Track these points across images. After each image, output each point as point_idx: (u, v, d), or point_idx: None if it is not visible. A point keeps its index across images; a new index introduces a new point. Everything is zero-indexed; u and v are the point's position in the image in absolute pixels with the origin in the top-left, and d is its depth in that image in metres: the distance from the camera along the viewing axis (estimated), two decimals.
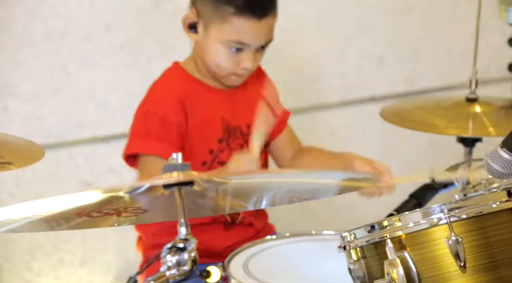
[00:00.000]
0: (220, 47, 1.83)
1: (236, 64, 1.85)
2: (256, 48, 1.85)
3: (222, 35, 1.81)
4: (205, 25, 1.84)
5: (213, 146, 1.87)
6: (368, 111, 2.53)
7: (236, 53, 1.83)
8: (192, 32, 1.86)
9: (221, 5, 1.80)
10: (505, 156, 1.29)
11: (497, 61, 2.54)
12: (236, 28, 1.80)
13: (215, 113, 1.88)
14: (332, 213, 2.65)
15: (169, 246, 1.16)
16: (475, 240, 1.26)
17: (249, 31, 1.81)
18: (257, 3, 1.81)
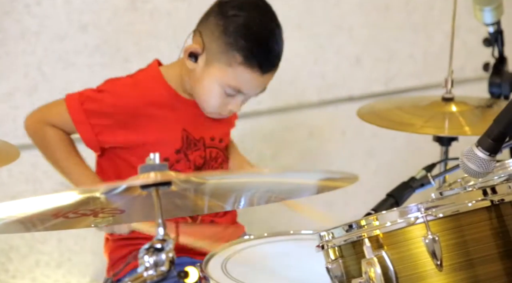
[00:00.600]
0: (216, 87, 1.81)
1: (224, 105, 1.84)
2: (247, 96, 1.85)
3: (222, 77, 1.79)
4: (208, 61, 1.81)
5: (169, 155, 1.87)
6: (346, 111, 2.55)
7: (228, 96, 1.83)
8: (191, 60, 1.84)
9: (231, 50, 1.77)
10: (480, 155, 1.30)
11: (473, 61, 2.57)
12: (238, 76, 1.78)
13: (177, 124, 1.87)
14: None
15: (147, 246, 1.16)
16: (451, 239, 1.27)
17: (250, 83, 1.80)
18: (266, 58, 1.79)
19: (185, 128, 1.89)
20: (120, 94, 1.85)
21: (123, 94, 1.85)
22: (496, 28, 2.20)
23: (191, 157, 1.90)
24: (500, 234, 1.28)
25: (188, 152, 1.90)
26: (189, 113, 1.89)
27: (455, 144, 2.15)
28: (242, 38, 1.76)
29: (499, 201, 1.29)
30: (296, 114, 2.65)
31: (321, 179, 1.42)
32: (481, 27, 2.26)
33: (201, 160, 1.92)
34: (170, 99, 1.88)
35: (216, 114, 1.89)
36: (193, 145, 1.90)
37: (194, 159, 1.90)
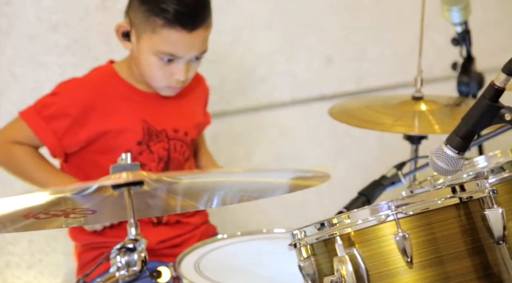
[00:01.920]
0: (152, 57, 1.82)
1: (169, 75, 1.84)
2: (189, 60, 1.84)
3: (152, 46, 1.80)
4: (137, 35, 1.83)
5: (132, 148, 1.87)
6: (318, 110, 2.56)
7: (168, 64, 1.83)
8: (126, 40, 1.86)
9: (151, 16, 1.79)
10: (449, 153, 1.32)
11: (442, 60, 2.59)
12: (166, 40, 1.79)
13: (136, 116, 1.88)
14: (283, 211, 2.67)
15: (119, 246, 1.15)
16: (421, 236, 1.28)
17: (179, 44, 1.80)
18: (187, 16, 1.79)
19: (146, 120, 1.89)
20: (74, 93, 1.85)
21: (77, 92, 1.86)
22: (464, 28, 2.23)
23: (154, 149, 1.90)
24: (468, 231, 1.30)
25: (150, 143, 1.89)
26: (148, 105, 1.90)
27: (425, 142, 2.17)
28: (159, 2, 1.78)
29: (468, 198, 1.31)
30: (267, 114, 2.66)
31: (293, 178, 1.43)
32: (450, 27, 2.29)
33: (165, 151, 1.91)
34: (126, 92, 1.89)
35: (167, 88, 1.88)
36: (155, 136, 1.90)
37: (157, 150, 1.90)
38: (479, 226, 1.30)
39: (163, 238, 1.90)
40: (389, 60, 2.77)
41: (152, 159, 1.89)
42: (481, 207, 1.32)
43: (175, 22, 1.78)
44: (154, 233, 1.89)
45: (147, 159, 1.89)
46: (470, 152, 1.53)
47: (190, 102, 1.98)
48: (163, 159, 1.91)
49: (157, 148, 1.90)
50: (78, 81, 1.90)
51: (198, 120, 2.01)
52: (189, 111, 1.97)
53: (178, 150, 1.93)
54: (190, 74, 1.87)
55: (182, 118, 1.95)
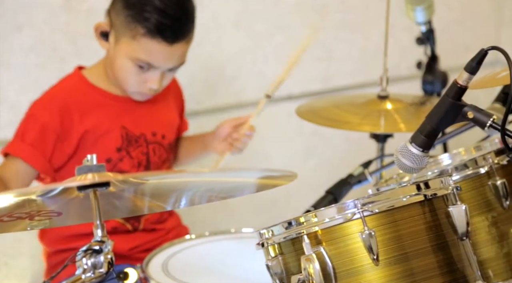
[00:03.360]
0: (128, 62, 1.80)
1: (142, 82, 1.83)
2: (164, 70, 1.83)
3: (130, 52, 1.79)
4: (116, 37, 1.81)
5: (111, 155, 1.86)
6: (286, 110, 2.56)
7: (143, 72, 1.81)
8: (104, 40, 1.83)
9: (133, 22, 1.77)
10: (414, 151, 1.33)
11: (407, 59, 2.62)
12: (145, 49, 1.78)
13: (114, 122, 1.86)
14: (252, 211, 2.67)
15: (85, 248, 1.14)
16: (387, 233, 1.30)
17: (158, 54, 1.79)
18: (169, 28, 1.78)
19: (124, 125, 1.87)
20: (50, 108, 1.82)
21: (52, 106, 1.83)
22: (428, 27, 2.26)
23: (134, 154, 1.88)
24: (433, 227, 1.31)
25: (129, 149, 1.88)
26: (125, 110, 1.88)
27: (391, 141, 2.19)
28: (143, 10, 1.76)
29: (432, 196, 1.33)
30: (236, 114, 2.65)
31: (260, 177, 1.43)
32: (414, 27, 2.32)
33: (143, 156, 1.90)
34: (100, 99, 1.86)
35: (139, 94, 1.86)
36: (134, 141, 1.89)
37: (136, 155, 1.89)
38: (443, 222, 1.32)
39: (136, 244, 1.89)
40: (355, 59, 2.79)
41: (132, 165, 1.88)
42: (445, 204, 1.33)
43: (157, 33, 1.76)
44: (127, 240, 1.88)
45: (128, 165, 1.87)
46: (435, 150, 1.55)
47: (166, 105, 1.97)
48: (142, 163, 1.90)
49: (137, 153, 1.89)
50: (50, 95, 1.86)
51: (174, 122, 2.00)
52: (165, 114, 1.96)
53: (156, 153, 1.93)
54: (164, 83, 1.86)
55: (159, 121, 1.94)
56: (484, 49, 1.29)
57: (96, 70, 1.89)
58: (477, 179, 1.43)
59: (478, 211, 1.42)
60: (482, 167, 1.43)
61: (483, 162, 1.44)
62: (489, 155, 1.44)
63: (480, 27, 3.10)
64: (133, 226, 1.89)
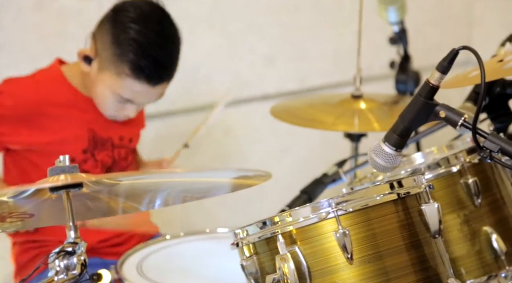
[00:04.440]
0: (108, 93, 1.81)
1: (119, 110, 1.84)
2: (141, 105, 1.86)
3: (113, 86, 1.79)
4: (100, 67, 1.81)
5: (76, 156, 1.85)
6: (261, 110, 2.57)
7: (122, 103, 1.83)
8: (86, 63, 1.82)
9: (120, 61, 1.77)
10: (387, 150, 1.34)
11: (380, 59, 2.64)
12: (128, 88, 1.79)
13: (82, 124, 1.86)
14: (227, 211, 2.67)
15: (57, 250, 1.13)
16: (361, 232, 1.30)
17: (140, 94, 1.81)
18: (156, 72, 1.79)
19: (92, 128, 1.87)
20: (19, 96, 1.81)
21: (23, 95, 1.82)
22: (400, 27, 2.28)
23: (99, 157, 1.88)
24: (406, 226, 1.32)
25: (95, 152, 1.88)
26: (96, 113, 1.87)
27: (365, 140, 2.21)
28: (131, 51, 1.77)
29: (405, 194, 1.33)
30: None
31: (235, 177, 1.43)
32: (388, 26, 2.33)
33: (110, 159, 1.90)
34: (73, 99, 1.86)
35: (113, 117, 1.88)
36: (100, 144, 1.88)
37: (101, 158, 1.88)
38: (416, 220, 1.33)
39: (104, 237, 1.88)
40: (329, 59, 2.80)
41: (95, 166, 1.88)
42: (418, 202, 1.34)
43: (142, 76, 1.78)
44: (94, 233, 1.86)
45: (91, 167, 1.87)
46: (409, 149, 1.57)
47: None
48: (106, 165, 1.90)
49: (102, 156, 1.88)
50: (25, 83, 1.84)
51: (140, 127, 2.01)
52: (134, 118, 1.96)
53: (122, 156, 1.93)
54: (140, 110, 1.90)
55: (127, 126, 1.94)
56: (455, 49, 1.30)
57: (75, 69, 1.88)
58: (450, 177, 1.44)
59: (450, 209, 1.43)
60: (454, 166, 1.45)
61: (455, 160, 1.45)
62: (461, 154, 1.46)
63: (452, 27, 3.13)
64: None
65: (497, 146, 1.27)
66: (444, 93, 1.41)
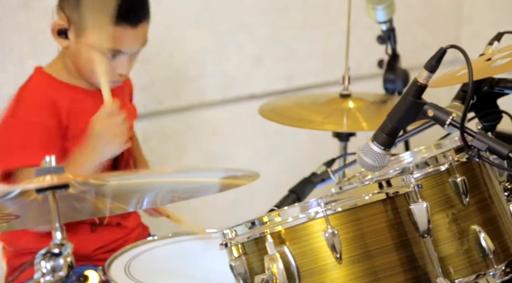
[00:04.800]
0: (94, 53, 1.78)
1: (111, 70, 1.81)
2: (131, 54, 1.83)
3: (96, 42, 1.77)
4: (77, 32, 1.79)
5: None
6: (249, 109, 2.56)
7: (111, 60, 1.80)
8: (62, 38, 1.81)
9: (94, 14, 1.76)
10: (376, 149, 1.34)
11: (368, 58, 2.64)
12: (111, 36, 1.76)
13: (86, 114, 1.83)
14: (216, 211, 2.66)
15: (43, 252, 1.12)
16: (350, 232, 1.30)
17: (125, 39, 1.79)
18: (131, 12, 1.78)
19: None
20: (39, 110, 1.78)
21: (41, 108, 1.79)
22: (388, 26, 2.28)
23: None
24: (395, 225, 1.32)
25: None
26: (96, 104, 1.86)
27: (354, 139, 2.21)
28: None
29: (394, 194, 1.33)
30: (198, 113, 2.65)
31: (223, 177, 1.42)
32: (376, 25, 2.33)
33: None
34: (73, 94, 1.84)
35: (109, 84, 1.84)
36: None
37: None
38: (405, 220, 1.33)
39: (100, 244, 1.86)
40: (317, 58, 2.80)
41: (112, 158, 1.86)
42: (407, 202, 1.34)
43: (121, 20, 1.76)
44: (91, 239, 1.85)
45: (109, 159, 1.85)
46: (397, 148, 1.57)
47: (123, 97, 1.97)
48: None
49: None
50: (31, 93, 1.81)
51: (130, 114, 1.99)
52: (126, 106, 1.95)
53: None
54: (131, 66, 1.86)
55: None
56: (443, 47, 1.30)
57: (57, 66, 1.86)
58: (438, 176, 1.44)
59: (439, 208, 1.43)
60: (442, 165, 1.44)
61: (443, 159, 1.45)
62: (449, 153, 1.46)
63: (440, 26, 3.14)
64: (99, 218, 1.87)
65: (485, 144, 1.28)
66: (433, 92, 1.41)
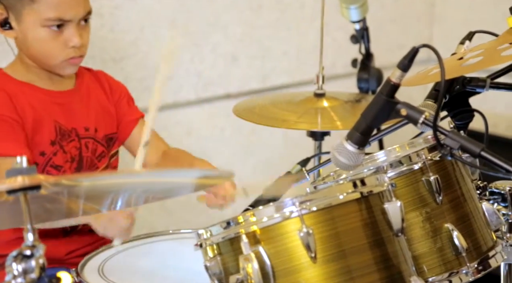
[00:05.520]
0: (41, 31, 1.75)
1: (63, 45, 1.78)
2: (78, 23, 1.79)
3: (37, 17, 1.74)
4: (16, 16, 1.76)
5: (45, 148, 1.82)
6: (224, 109, 2.56)
7: (59, 32, 1.76)
8: (7, 29, 1.78)
9: None
10: (350, 148, 1.34)
11: (342, 57, 2.65)
12: (48, 5, 1.73)
13: (47, 115, 1.82)
14: (191, 211, 2.65)
15: (15, 253, 1.11)
16: (324, 231, 1.30)
17: (63, 5, 1.75)
18: None
19: (56, 120, 1.84)
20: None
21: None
22: (362, 26, 2.29)
23: (67, 149, 1.85)
24: (369, 224, 1.32)
25: (63, 143, 1.84)
26: (56, 104, 1.84)
27: (328, 138, 2.21)
28: None
29: (368, 193, 1.34)
30: (173, 113, 2.64)
31: (197, 177, 1.42)
32: (350, 25, 2.35)
33: (76, 151, 1.86)
34: (30, 93, 1.82)
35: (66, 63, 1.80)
36: (66, 135, 1.85)
37: (69, 150, 1.85)
38: (379, 219, 1.33)
39: (73, 248, 1.85)
40: (291, 58, 2.81)
41: (65, 159, 1.84)
42: (381, 201, 1.35)
43: None
44: (63, 243, 1.84)
45: (61, 160, 1.83)
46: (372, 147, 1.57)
47: (98, 97, 1.94)
48: (75, 158, 1.86)
49: (70, 147, 1.85)
50: None
51: (109, 115, 1.96)
52: (98, 106, 1.92)
53: (89, 148, 1.88)
54: (85, 39, 1.81)
55: (91, 115, 1.90)
56: (415, 47, 1.31)
57: (16, 66, 1.84)
58: (411, 175, 1.45)
59: (413, 207, 1.44)
60: (416, 163, 1.45)
61: (417, 158, 1.46)
62: (422, 151, 1.47)
63: (413, 25, 3.16)
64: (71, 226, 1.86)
65: (457, 143, 1.29)
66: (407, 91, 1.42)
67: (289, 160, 2.06)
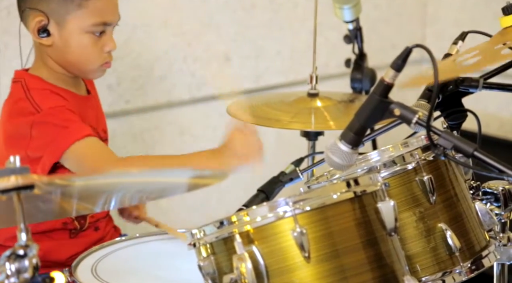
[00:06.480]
0: (84, 37, 1.77)
1: (100, 50, 1.79)
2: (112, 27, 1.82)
3: (82, 23, 1.75)
4: (59, 23, 1.76)
5: None
6: (217, 109, 2.56)
7: (100, 38, 1.78)
8: (44, 37, 1.77)
9: None
10: (343, 148, 1.35)
11: (336, 57, 2.66)
12: (94, 10, 1.75)
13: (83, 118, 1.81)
14: (185, 211, 2.65)
15: (8, 253, 1.10)
16: (318, 231, 1.30)
17: (107, 9, 1.78)
18: None
19: (90, 123, 1.84)
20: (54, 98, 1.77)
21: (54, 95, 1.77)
22: (355, 26, 2.30)
23: None
24: (363, 224, 1.33)
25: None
26: (83, 107, 1.85)
27: (322, 138, 2.22)
28: None
29: (362, 192, 1.34)
30: (166, 113, 2.64)
31: (191, 177, 1.42)
32: (343, 25, 2.35)
33: None
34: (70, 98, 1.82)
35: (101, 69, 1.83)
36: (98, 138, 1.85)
37: None
38: (373, 218, 1.34)
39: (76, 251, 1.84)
40: (285, 57, 2.81)
41: None
42: (374, 200, 1.35)
43: None
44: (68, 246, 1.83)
45: None
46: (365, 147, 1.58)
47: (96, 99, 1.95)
48: None
49: None
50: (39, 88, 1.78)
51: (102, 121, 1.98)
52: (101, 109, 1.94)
53: None
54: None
55: (102, 118, 1.93)
56: (408, 47, 1.31)
57: (43, 72, 1.83)
58: (405, 175, 1.45)
59: (406, 207, 1.44)
60: (409, 163, 1.46)
61: (410, 158, 1.47)
62: (416, 151, 1.47)
63: (406, 25, 3.17)
64: (80, 223, 1.85)
65: (450, 143, 1.29)
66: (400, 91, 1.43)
67: (283, 160, 2.07)
